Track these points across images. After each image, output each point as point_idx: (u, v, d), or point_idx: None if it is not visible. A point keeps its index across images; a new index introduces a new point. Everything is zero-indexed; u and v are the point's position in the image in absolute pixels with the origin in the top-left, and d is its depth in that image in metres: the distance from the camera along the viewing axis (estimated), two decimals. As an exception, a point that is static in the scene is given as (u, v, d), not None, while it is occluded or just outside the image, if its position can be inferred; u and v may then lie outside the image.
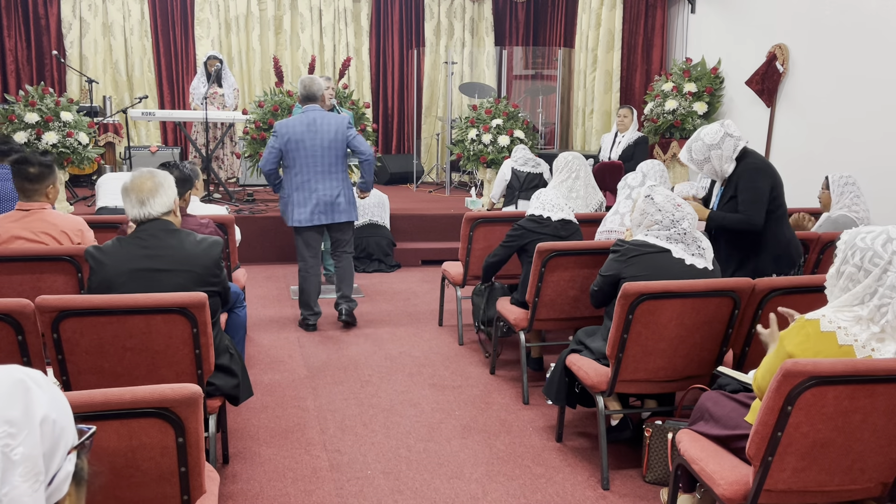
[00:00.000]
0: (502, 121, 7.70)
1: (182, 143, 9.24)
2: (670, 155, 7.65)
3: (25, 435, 0.88)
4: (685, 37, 8.29)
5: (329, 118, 4.76)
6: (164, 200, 2.72)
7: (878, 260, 2.03)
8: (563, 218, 3.97)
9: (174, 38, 9.69)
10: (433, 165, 10.12)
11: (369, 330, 4.99)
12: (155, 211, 2.70)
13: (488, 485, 3.00)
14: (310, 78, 4.86)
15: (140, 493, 1.91)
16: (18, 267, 3.28)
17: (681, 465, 2.42)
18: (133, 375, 2.59)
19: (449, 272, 4.92)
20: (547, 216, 3.96)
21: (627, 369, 2.93)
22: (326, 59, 10.16)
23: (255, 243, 6.67)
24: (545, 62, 9.87)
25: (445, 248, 6.90)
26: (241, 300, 3.84)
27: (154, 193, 2.68)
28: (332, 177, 4.78)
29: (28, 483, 0.88)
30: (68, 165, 6.85)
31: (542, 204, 4.01)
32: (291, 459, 3.19)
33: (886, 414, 2.04)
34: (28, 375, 0.93)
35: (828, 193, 4.38)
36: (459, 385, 4.05)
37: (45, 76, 9.24)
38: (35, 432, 0.89)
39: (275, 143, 4.75)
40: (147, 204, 2.68)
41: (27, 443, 0.88)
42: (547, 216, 3.96)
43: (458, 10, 10.58)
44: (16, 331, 2.50)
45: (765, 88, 6.80)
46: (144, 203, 2.68)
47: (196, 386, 1.87)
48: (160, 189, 2.70)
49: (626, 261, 2.98)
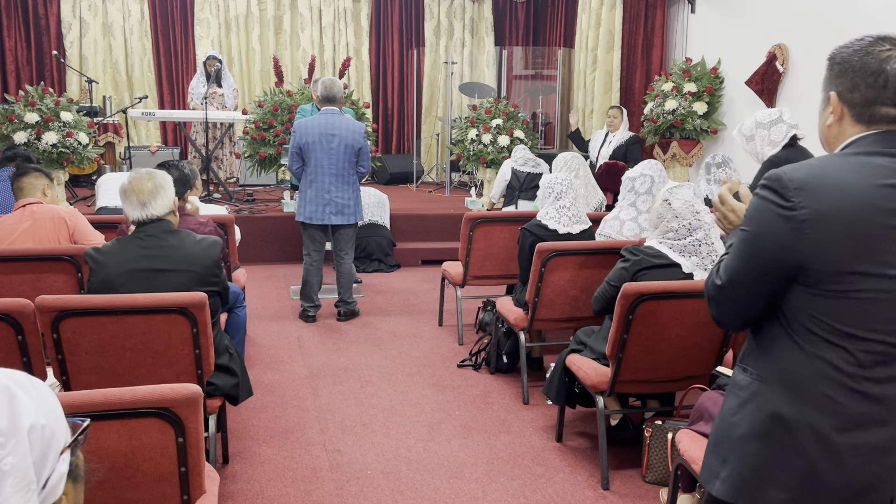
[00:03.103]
0: (502, 121, 7.70)
1: (182, 143, 9.24)
2: (670, 155, 7.65)
3: (13, 445, 0.86)
4: (685, 37, 8.29)
5: (347, 124, 4.89)
6: (165, 201, 2.73)
7: None
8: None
9: (174, 38, 9.68)
10: (433, 165, 10.12)
11: (369, 330, 4.99)
12: (156, 212, 2.70)
13: (488, 485, 3.00)
14: (330, 79, 4.97)
15: (140, 493, 1.91)
16: (18, 267, 3.28)
17: (681, 465, 2.43)
18: (133, 375, 2.59)
19: (449, 272, 4.92)
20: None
21: (627, 369, 2.93)
22: (326, 59, 10.16)
23: (255, 243, 6.68)
24: (545, 62, 9.87)
25: (445, 248, 6.90)
26: (241, 300, 3.84)
27: (154, 195, 2.69)
28: (344, 180, 4.93)
29: (19, 494, 0.85)
30: (68, 165, 6.85)
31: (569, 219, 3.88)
32: (291, 459, 3.19)
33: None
34: (12, 380, 0.90)
35: None
36: (459, 385, 4.05)
37: (45, 76, 9.23)
38: (23, 441, 0.87)
39: (293, 143, 4.93)
40: (148, 206, 2.68)
41: (16, 452, 0.86)
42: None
43: (458, 10, 10.58)
44: (16, 331, 2.50)
45: (765, 88, 6.80)
46: (146, 205, 2.68)
47: (196, 386, 1.87)
48: (160, 190, 2.71)
49: (633, 276, 2.95)
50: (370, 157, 5.07)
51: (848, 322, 1.40)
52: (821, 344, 1.43)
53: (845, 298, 1.39)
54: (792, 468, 1.45)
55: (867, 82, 1.42)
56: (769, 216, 1.42)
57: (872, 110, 1.43)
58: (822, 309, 1.41)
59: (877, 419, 1.41)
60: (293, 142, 4.92)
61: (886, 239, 1.36)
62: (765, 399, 1.49)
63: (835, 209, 1.37)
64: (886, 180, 1.38)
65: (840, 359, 1.41)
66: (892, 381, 1.41)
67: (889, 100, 1.41)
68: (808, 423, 1.43)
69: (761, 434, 1.48)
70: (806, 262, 1.39)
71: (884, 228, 1.36)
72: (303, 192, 4.97)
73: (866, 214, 1.37)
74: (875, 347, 1.40)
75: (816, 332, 1.43)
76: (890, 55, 1.40)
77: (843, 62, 1.47)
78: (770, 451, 1.47)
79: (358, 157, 4.95)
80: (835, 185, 1.38)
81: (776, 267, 1.43)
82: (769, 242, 1.42)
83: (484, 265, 4.69)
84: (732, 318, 1.55)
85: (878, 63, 1.40)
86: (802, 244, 1.39)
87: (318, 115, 4.94)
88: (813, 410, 1.43)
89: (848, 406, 1.42)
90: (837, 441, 1.42)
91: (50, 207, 3.58)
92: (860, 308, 1.39)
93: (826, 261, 1.38)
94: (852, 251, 1.37)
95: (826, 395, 1.42)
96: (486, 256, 4.66)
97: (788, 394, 1.45)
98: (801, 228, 1.38)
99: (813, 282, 1.41)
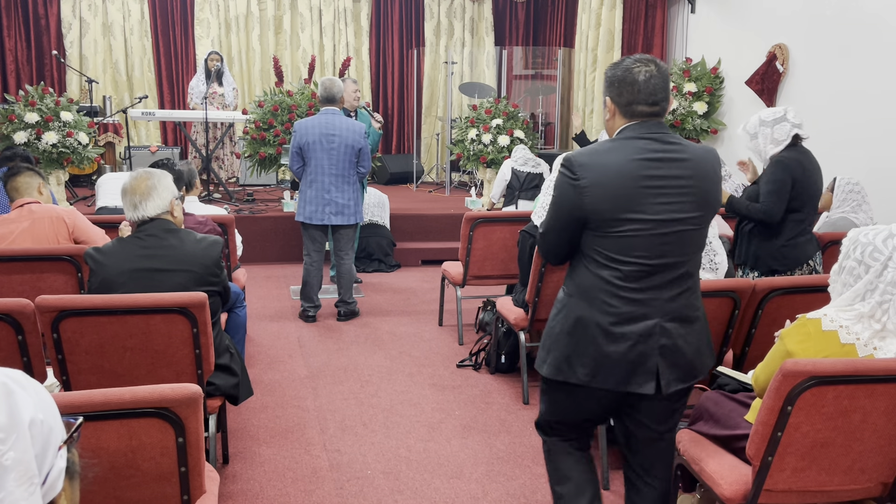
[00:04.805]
0: (502, 121, 7.70)
1: (182, 143, 9.24)
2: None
3: (14, 439, 0.87)
4: (685, 37, 8.29)
5: (346, 124, 4.88)
6: (158, 202, 2.70)
7: (879, 255, 2.03)
8: None
9: (174, 38, 9.68)
10: (433, 165, 10.12)
11: (369, 330, 4.99)
12: (148, 213, 2.68)
13: (488, 485, 3.00)
14: (330, 79, 4.97)
15: (140, 493, 1.91)
16: (18, 267, 3.28)
17: (681, 465, 2.42)
18: (133, 375, 2.59)
19: (449, 272, 4.92)
20: None
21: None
22: (326, 59, 10.16)
23: (255, 243, 6.67)
24: (545, 62, 9.87)
25: (445, 248, 6.90)
26: (241, 300, 3.84)
27: (147, 196, 2.67)
28: (344, 180, 4.93)
29: (23, 487, 0.86)
30: (68, 165, 6.85)
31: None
32: (291, 459, 3.19)
33: (886, 414, 2.04)
34: (9, 377, 0.91)
35: (830, 196, 4.38)
36: (459, 385, 4.05)
37: (45, 76, 9.23)
38: (25, 435, 0.88)
39: (293, 143, 4.93)
40: (139, 207, 2.67)
41: (17, 447, 0.87)
42: None
43: (458, 9, 10.57)
44: (16, 331, 2.50)
45: (765, 88, 6.80)
46: (137, 206, 2.67)
47: (196, 386, 1.87)
48: (153, 191, 2.69)
49: None
50: (370, 158, 5.07)
51: (618, 252, 2.01)
52: (601, 267, 2.03)
53: (615, 237, 2.00)
54: (588, 352, 2.05)
55: (627, 90, 2.03)
56: (564, 186, 2.04)
57: (632, 108, 2.04)
58: (601, 244, 2.03)
59: (640, 315, 2.02)
60: (293, 141, 4.93)
61: (640, 195, 1.98)
62: (570, 308, 2.10)
63: (603, 178, 1.99)
64: (640, 155, 2.00)
65: (612, 276, 2.02)
66: (650, 290, 2.02)
67: (642, 100, 2.02)
68: (595, 321, 2.04)
69: (569, 331, 2.09)
70: (588, 215, 2.01)
71: (637, 188, 1.98)
72: (303, 193, 4.97)
73: (625, 180, 1.98)
74: (635, 268, 2.01)
75: (598, 260, 2.04)
76: (640, 70, 2.01)
77: (612, 77, 2.07)
78: (575, 342, 2.08)
79: (358, 158, 4.96)
80: (603, 162, 2.00)
81: (571, 219, 2.05)
82: (565, 203, 2.05)
83: (484, 265, 4.69)
84: (552, 256, 2.17)
85: (633, 76, 2.02)
86: (584, 203, 2.00)
87: (319, 115, 4.94)
88: (597, 312, 2.04)
89: (619, 307, 2.02)
90: (614, 331, 2.03)
91: (48, 207, 3.56)
92: (625, 242, 2.00)
93: (600, 212, 1.99)
94: (617, 205, 1.98)
95: (605, 301, 2.03)
96: (486, 256, 4.66)
97: (582, 302, 2.07)
98: (583, 193, 2.00)
99: (594, 227, 2.02)
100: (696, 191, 2.02)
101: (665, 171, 2.00)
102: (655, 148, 2.01)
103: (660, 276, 2.02)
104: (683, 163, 2.01)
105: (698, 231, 2.06)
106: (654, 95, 2.01)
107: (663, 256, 2.01)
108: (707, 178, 2.05)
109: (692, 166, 2.02)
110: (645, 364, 2.03)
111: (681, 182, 2.00)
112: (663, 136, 2.03)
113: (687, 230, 2.02)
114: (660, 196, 1.98)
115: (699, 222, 2.05)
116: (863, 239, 2.08)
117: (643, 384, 2.03)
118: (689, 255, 2.06)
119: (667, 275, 2.02)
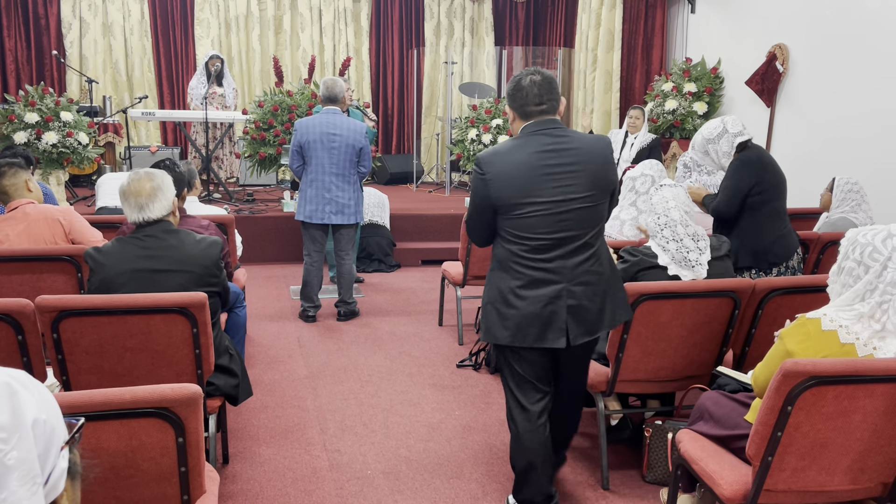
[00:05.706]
0: (502, 121, 7.70)
1: (182, 143, 9.24)
2: (670, 155, 7.65)
3: (17, 439, 0.87)
4: (685, 37, 8.30)
5: (348, 124, 4.88)
6: (164, 203, 2.70)
7: (878, 255, 2.03)
8: None
9: (174, 38, 9.68)
10: (433, 165, 10.12)
11: (369, 330, 4.99)
12: (154, 214, 2.68)
13: (488, 485, 3.00)
14: (332, 79, 4.97)
15: (140, 493, 1.91)
16: (18, 267, 3.28)
17: (681, 465, 2.43)
18: (133, 375, 2.59)
19: (449, 272, 4.93)
20: None
21: (627, 369, 2.93)
22: (326, 59, 10.16)
23: (255, 243, 6.67)
24: (545, 62, 9.87)
25: (445, 248, 6.90)
26: (241, 300, 3.84)
27: (153, 197, 2.67)
28: (344, 180, 4.93)
29: (25, 487, 0.87)
30: (68, 165, 6.85)
31: None
32: (291, 459, 3.19)
33: (886, 414, 2.04)
34: (12, 377, 0.91)
35: (829, 195, 4.37)
36: (459, 385, 4.05)
37: (45, 76, 9.23)
38: (28, 435, 0.88)
39: (293, 141, 4.93)
40: (146, 208, 2.66)
41: (20, 447, 0.87)
42: None
43: (458, 9, 10.57)
44: (16, 331, 2.50)
45: (765, 88, 6.80)
46: (143, 208, 2.66)
47: (196, 386, 1.87)
48: (158, 193, 2.68)
49: (632, 277, 2.99)
50: (371, 158, 5.07)
51: (523, 230, 2.40)
52: (511, 244, 2.43)
53: (519, 218, 2.40)
54: (507, 315, 2.44)
55: (518, 95, 2.45)
56: (475, 180, 2.46)
57: (524, 109, 2.45)
58: (510, 225, 2.42)
59: (548, 280, 2.41)
60: (294, 140, 4.93)
61: (537, 181, 2.37)
62: (493, 279, 2.51)
63: (505, 170, 2.39)
64: (536, 148, 2.39)
65: (521, 250, 2.42)
66: (555, 259, 2.40)
67: (531, 102, 2.43)
68: (510, 288, 2.44)
69: (493, 300, 2.49)
70: (495, 202, 2.41)
71: (535, 176, 2.37)
72: (303, 192, 4.97)
73: (523, 170, 2.38)
74: (539, 242, 2.40)
75: (509, 238, 2.44)
76: (525, 78, 2.45)
77: (508, 89, 2.50)
78: (497, 308, 2.47)
79: (359, 157, 4.96)
80: (505, 158, 2.41)
81: (484, 206, 2.45)
82: (478, 195, 2.46)
83: (484, 265, 4.69)
84: (476, 238, 2.56)
85: (521, 84, 2.45)
86: (491, 193, 2.41)
87: (320, 114, 4.94)
88: (511, 280, 2.44)
89: (527, 273, 2.41)
90: (527, 295, 2.41)
91: (43, 208, 3.50)
92: (528, 222, 2.39)
93: (504, 199, 2.39)
94: (518, 192, 2.38)
95: (515, 269, 2.43)
96: (486, 256, 4.64)
97: (501, 273, 2.47)
98: (489, 185, 2.41)
99: (503, 211, 2.42)
100: (586, 174, 2.39)
101: (557, 159, 2.38)
102: (548, 141, 2.40)
103: (562, 248, 2.40)
104: (573, 151, 2.40)
105: (594, 207, 2.43)
106: (539, 97, 2.42)
107: (562, 231, 2.39)
108: (594, 161, 2.42)
109: (581, 153, 2.40)
110: (556, 322, 2.40)
111: (572, 168, 2.39)
112: (554, 130, 2.42)
113: (581, 207, 2.40)
114: (554, 181, 2.37)
115: (592, 200, 2.42)
116: (861, 239, 2.08)
117: (555, 340, 2.41)
118: (586, 229, 2.43)
119: (568, 246, 2.41)
